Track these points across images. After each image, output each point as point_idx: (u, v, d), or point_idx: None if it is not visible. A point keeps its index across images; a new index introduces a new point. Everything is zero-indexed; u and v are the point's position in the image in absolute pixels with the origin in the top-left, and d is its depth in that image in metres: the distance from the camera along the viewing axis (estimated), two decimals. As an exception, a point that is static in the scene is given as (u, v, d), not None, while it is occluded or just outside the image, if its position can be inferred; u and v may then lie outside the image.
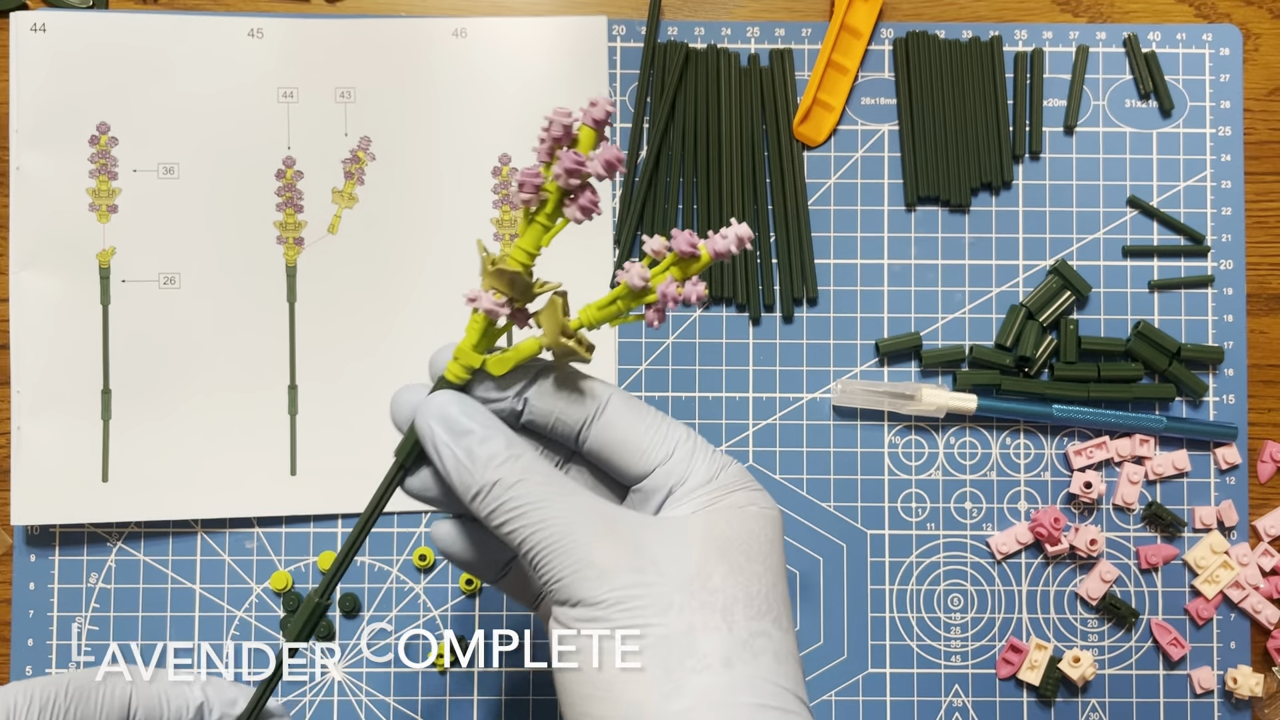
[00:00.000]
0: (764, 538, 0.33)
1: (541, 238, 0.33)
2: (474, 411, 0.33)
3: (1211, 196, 0.54)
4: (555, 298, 0.33)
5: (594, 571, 0.30)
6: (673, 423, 0.35)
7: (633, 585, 0.30)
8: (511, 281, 0.32)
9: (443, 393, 0.33)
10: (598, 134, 0.32)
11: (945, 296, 0.54)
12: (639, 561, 0.31)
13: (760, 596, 0.31)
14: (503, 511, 0.31)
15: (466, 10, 0.54)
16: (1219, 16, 0.55)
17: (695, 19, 0.55)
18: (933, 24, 0.55)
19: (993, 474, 0.54)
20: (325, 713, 0.52)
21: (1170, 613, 0.54)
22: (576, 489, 0.32)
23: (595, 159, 0.31)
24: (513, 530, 0.31)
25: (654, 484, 0.34)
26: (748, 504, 0.33)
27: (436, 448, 0.32)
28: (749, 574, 0.32)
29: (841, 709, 0.53)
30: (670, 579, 0.31)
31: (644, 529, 0.32)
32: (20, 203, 0.52)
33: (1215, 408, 0.54)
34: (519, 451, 0.32)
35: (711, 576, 0.31)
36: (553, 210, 0.32)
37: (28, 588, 0.53)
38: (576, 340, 0.33)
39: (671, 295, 0.32)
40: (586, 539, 0.31)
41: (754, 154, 0.54)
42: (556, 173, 0.31)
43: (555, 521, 0.31)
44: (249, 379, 0.53)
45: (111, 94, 0.53)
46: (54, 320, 0.52)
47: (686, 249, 0.32)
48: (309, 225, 0.53)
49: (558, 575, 0.31)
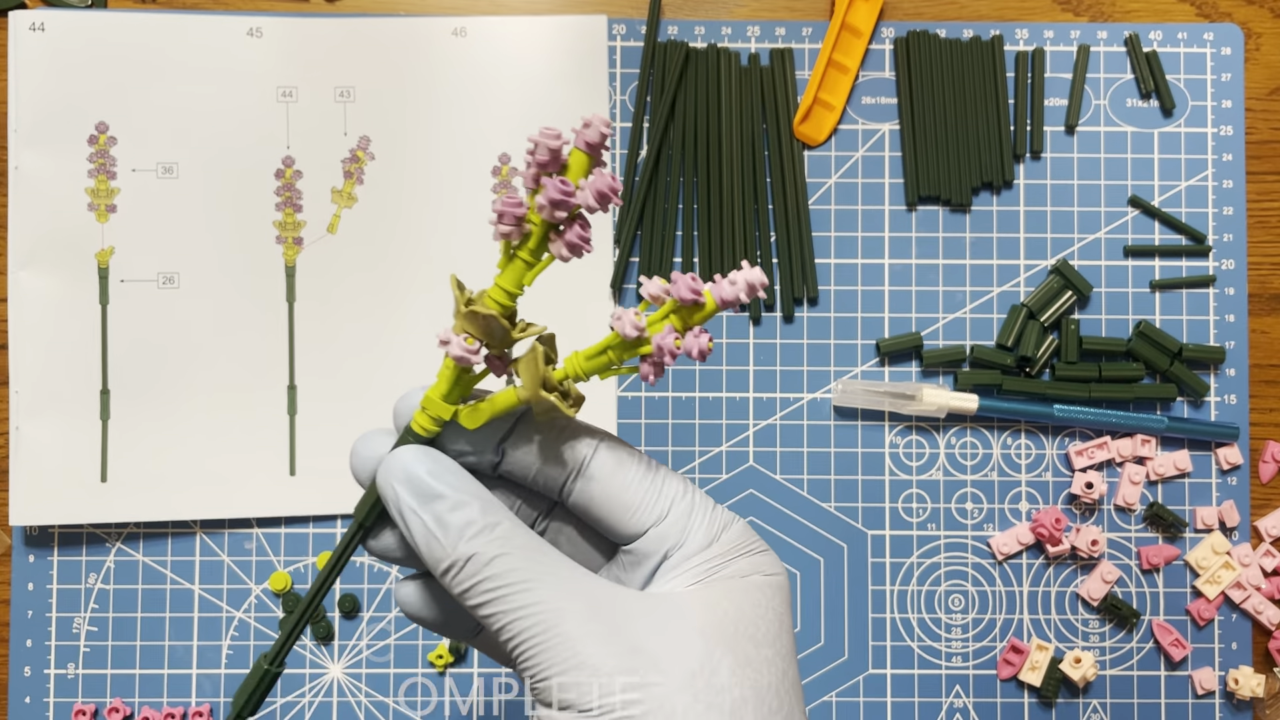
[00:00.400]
0: (771, 614, 0.29)
1: (524, 276, 0.28)
2: (444, 472, 0.29)
3: (1213, 196, 0.54)
4: (537, 345, 0.28)
5: (585, 673, 0.27)
6: (668, 476, 0.31)
7: (630, 689, 0.27)
8: (486, 326, 0.28)
9: (407, 449, 0.29)
10: (592, 159, 0.28)
11: (946, 296, 0.54)
12: (636, 661, 0.27)
13: (771, 691, 0.28)
14: (478, 592, 0.28)
15: (466, 10, 0.54)
16: (1220, 16, 0.55)
17: (695, 18, 0.54)
18: (933, 23, 0.55)
19: (994, 474, 0.54)
20: (325, 713, 0.52)
21: (1171, 613, 0.54)
22: (562, 566, 0.28)
23: (586, 188, 0.27)
24: (490, 615, 0.28)
25: (647, 547, 0.30)
26: (752, 572, 0.30)
27: (402, 514, 0.29)
28: (758, 664, 0.28)
29: (842, 710, 0.53)
30: (672, 679, 0.27)
31: (640, 614, 0.28)
32: (19, 202, 0.52)
33: (1217, 408, 0.54)
34: (496, 519, 0.28)
35: (717, 672, 0.27)
36: (536, 245, 0.28)
37: (26, 588, 0.52)
38: (560, 394, 0.29)
39: (669, 349, 0.28)
40: (576, 632, 0.27)
41: (754, 154, 0.54)
42: (540, 203, 0.27)
43: (539, 609, 0.27)
44: (248, 379, 0.53)
45: (110, 93, 0.53)
46: (53, 320, 0.52)
47: (688, 296, 0.27)
48: (308, 225, 0.53)
49: (543, 673, 0.27)
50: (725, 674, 0.27)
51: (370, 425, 0.52)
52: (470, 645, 0.33)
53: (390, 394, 0.33)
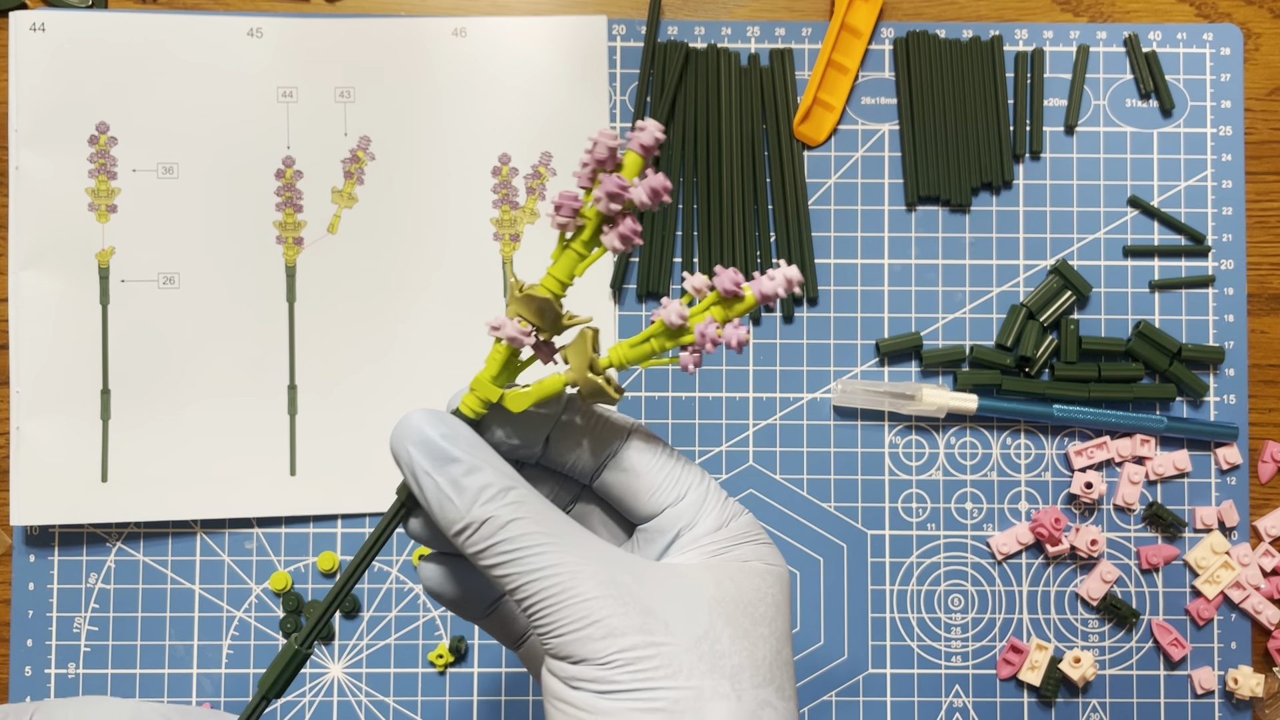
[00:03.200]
0: (770, 599, 0.31)
1: (576, 266, 0.30)
2: (458, 436, 0.30)
3: (1212, 196, 0.54)
4: (586, 330, 0.31)
5: (600, 630, 0.28)
6: (689, 465, 0.33)
7: (642, 646, 0.28)
8: (540, 309, 0.30)
9: (420, 412, 0.30)
10: (644, 160, 0.30)
11: (946, 296, 0.54)
12: (648, 620, 0.29)
13: (765, 663, 0.30)
14: (494, 554, 0.29)
15: (466, 10, 0.54)
16: (1220, 16, 0.55)
17: (695, 18, 0.55)
18: (933, 23, 0.55)
19: (993, 474, 0.54)
20: (325, 713, 0.52)
21: (1171, 613, 0.54)
22: (577, 531, 0.30)
23: (640, 186, 0.29)
24: (506, 575, 0.29)
25: (662, 525, 0.32)
26: (755, 559, 0.32)
27: (416, 476, 0.30)
28: (755, 638, 0.30)
29: (842, 709, 0.53)
30: (680, 639, 0.29)
31: (651, 581, 0.30)
32: (20, 202, 0.52)
33: (1216, 408, 0.54)
34: (512, 484, 0.29)
35: (720, 639, 0.29)
36: (590, 237, 0.30)
37: (27, 588, 0.53)
38: (605, 379, 0.30)
39: (710, 337, 0.30)
40: (592, 592, 0.28)
41: (754, 154, 0.54)
42: (597, 196, 0.29)
43: (556, 570, 0.28)
44: (248, 379, 0.53)
45: (111, 93, 0.53)
46: (53, 320, 0.52)
47: (730, 288, 0.30)
48: (308, 225, 0.53)
49: (559, 630, 0.28)
50: (726, 642, 0.29)
51: (372, 426, 0.52)
52: (481, 625, 0.35)
53: (391, 394, 0.34)
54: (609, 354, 0.31)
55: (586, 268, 0.31)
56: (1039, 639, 0.53)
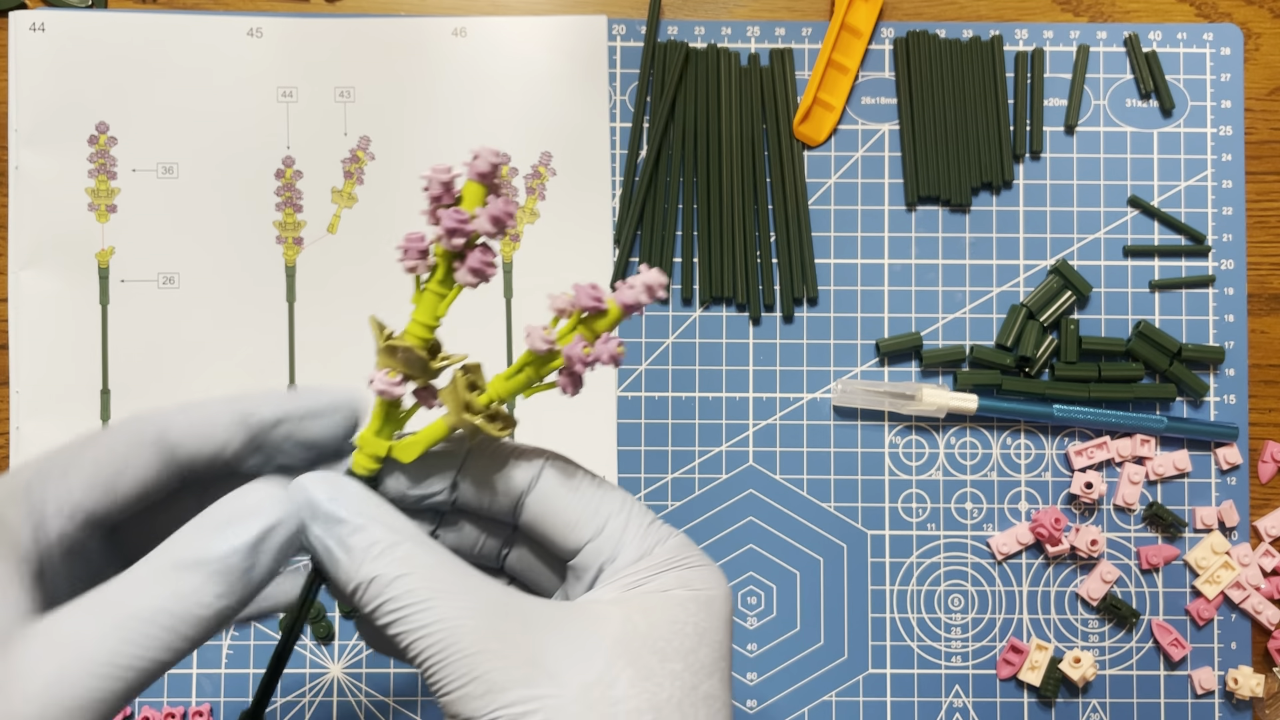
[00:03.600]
0: (689, 629, 0.28)
1: (437, 306, 0.29)
2: (343, 496, 0.28)
3: (1212, 196, 0.54)
4: (457, 373, 0.29)
5: (480, 686, 0.26)
6: (609, 491, 0.31)
7: (522, 701, 0.26)
8: (406, 359, 0.29)
9: (308, 476, 0.29)
10: (485, 187, 0.29)
11: (946, 296, 0.54)
12: (531, 672, 0.27)
13: (671, 705, 0.27)
14: (383, 612, 0.27)
15: (466, 10, 0.54)
16: (1220, 16, 0.55)
17: (695, 18, 0.55)
18: (933, 23, 0.55)
19: (993, 474, 0.54)
20: (325, 713, 0.52)
21: (1171, 613, 0.54)
22: (467, 581, 0.28)
23: (481, 215, 0.28)
24: (398, 634, 0.27)
25: (584, 561, 0.30)
26: (678, 586, 0.29)
27: (309, 540, 0.29)
28: (660, 677, 0.27)
29: (841, 709, 0.53)
30: (567, 690, 0.27)
31: (544, 628, 0.28)
32: (19, 202, 0.52)
33: (1216, 408, 0.54)
34: (400, 539, 0.28)
35: (615, 684, 0.27)
36: (444, 276, 0.29)
37: (27, 588, 0.52)
38: (487, 417, 0.29)
39: (579, 358, 0.29)
40: (473, 647, 0.27)
41: (754, 154, 0.54)
42: (438, 234, 0.28)
43: (438, 627, 0.27)
44: (248, 379, 0.53)
45: (111, 94, 0.53)
46: (53, 320, 0.52)
47: (589, 303, 0.28)
48: (308, 225, 0.53)
49: (444, 689, 0.27)
50: (624, 686, 0.27)
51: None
52: None
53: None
54: (488, 389, 0.30)
55: (448, 306, 0.30)
56: (1039, 639, 0.53)
